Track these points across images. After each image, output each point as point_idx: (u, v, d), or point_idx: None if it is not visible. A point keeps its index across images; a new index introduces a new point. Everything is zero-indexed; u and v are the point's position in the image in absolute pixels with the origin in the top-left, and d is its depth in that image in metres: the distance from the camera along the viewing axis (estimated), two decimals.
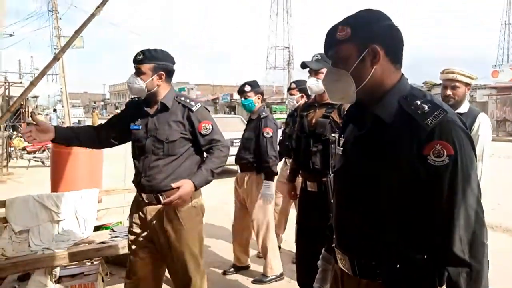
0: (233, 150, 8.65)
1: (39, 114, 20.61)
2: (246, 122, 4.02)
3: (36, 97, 22.78)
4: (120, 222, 3.67)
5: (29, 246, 3.03)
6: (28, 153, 12.05)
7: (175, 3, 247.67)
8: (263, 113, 3.60)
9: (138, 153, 2.36)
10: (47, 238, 3.12)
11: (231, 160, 3.17)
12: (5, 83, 13.23)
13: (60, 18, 21.07)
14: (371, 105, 1.23)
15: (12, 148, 11.76)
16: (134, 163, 2.40)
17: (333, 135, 2.50)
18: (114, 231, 3.41)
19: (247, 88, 3.61)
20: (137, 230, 2.40)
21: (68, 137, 2.36)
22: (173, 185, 2.15)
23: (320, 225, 2.58)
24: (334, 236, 1.37)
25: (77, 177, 4.01)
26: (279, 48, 65.46)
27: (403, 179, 1.13)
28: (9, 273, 2.88)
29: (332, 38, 1.25)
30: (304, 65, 2.81)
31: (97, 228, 3.52)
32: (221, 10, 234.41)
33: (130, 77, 2.30)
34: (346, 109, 2.54)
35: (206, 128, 2.29)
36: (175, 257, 2.33)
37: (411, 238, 1.15)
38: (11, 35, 20.82)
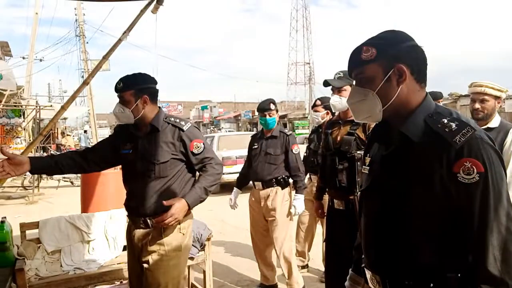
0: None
1: (67, 135, 21.28)
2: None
3: (65, 119, 23.58)
4: None
5: (61, 266, 3.10)
6: None
7: (197, 23, 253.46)
8: (286, 131, 3.71)
9: (129, 177, 2.33)
10: (78, 258, 3.19)
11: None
12: (36, 106, 13.73)
13: (87, 43, 21.95)
14: (397, 124, 1.24)
15: None
16: (125, 187, 2.36)
17: (358, 152, 2.51)
18: None
19: (272, 106, 3.66)
20: (130, 255, 2.39)
21: (46, 166, 2.27)
22: (165, 202, 2.08)
23: (348, 243, 2.57)
24: (363, 256, 1.37)
25: (106, 197, 4.10)
26: (299, 64, 65.83)
27: (434, 197, 1.13)
28: None
29: (356, 58, 1.27)
30: (326, 83, 2.82)
31: (125, 248, 3.57)
32: (242, 28, 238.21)
33: (115, 106, 2.28)
34: (371, 128, 2.57)
35: (198, 147, 2.24)
36: (154, 280, 2.21)
37: (444, 256, 1.14)
38: (41, 60, 21.68)
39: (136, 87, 2.23)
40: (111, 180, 4.21)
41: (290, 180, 3.67)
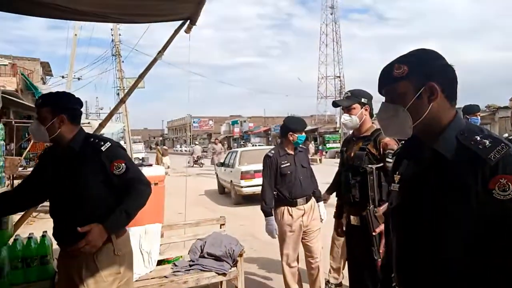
0: None
1: None
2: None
3: (101, 134, 24.34)
4: (181, 257, 3.76)
5: None
6: None
7: (227, 40, 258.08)
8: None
9: (53, 203, 2.23)
10: None
11: None
12: None
13: (123, 61, 22.73)
14: (428, 140, 1.26)
15: None
16: (51, 214, 2.24)
17: (369, 166, 2.56)
18: (176, 265, 3.49)
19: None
20: (62, 286, 2.25)
21: None
22: (80, 229, 1.91)
23: (367, 260, 2.53)
24: (393, 275, 1.37)
25: (142, 212, 4.17)
26: (330, 77, 65.60)
27: (469, 214, 1.13)
28: None
29: (388, 75, 1.30)
30: (335, 104, 2.93)
31: (160, 262, 3.63)
32: (272, 43, 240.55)
33: (33, 122, 2.21)
34: (383, 143, 2.55)
35: (119, 168, 2.07)
36: None
37: (479, 273, 1.14)
38: (79, 79, 22.69)
39: (54, 105, 2.13)
40: None
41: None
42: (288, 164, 3.65)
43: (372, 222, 2.49)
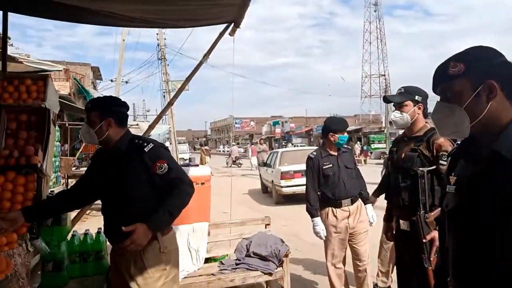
0: None
1: None
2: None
3: (149, 136, 25.21)
4: (227, 255, 3.81)
5: None
6: None
7: (269, 40, 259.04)
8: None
9: (102, 204, 2.32)
10: None
11: None
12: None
13: (168, 65, 23.40)
14: (487, 140, 1.21)
15: None
16: (102, 214, 2.34)
17: (421, 169, 2.41)
18: (222, 263, 3.55)
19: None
20: (114, 282, 2.36)
21: (42, 213, 2.36)
22: (124, 228, 1.97)
23: (416, 265, 2.43)
24: (448, 279, 1.33)
25: (189, 210, 4.26)
26: (374, 76, 64.10)
27: None
28: None
29: (443, 73, 1.26)
30: (386, 100, 2.76)
31: (206, 260, 3.70)
32: (313, 43, 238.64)
33: (82, 125, 2.31)
34: (437, 144, 2.44)
35: (161, 168, 2.13)
36: None
37: None
38: (127, 82, 23.68)
39: (102, 109, 2.23)
40: (194, 195, 4.40)
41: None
42: (330, 165, 3.59)
43: (423, 228, 2.36)
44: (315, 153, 3.69)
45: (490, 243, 1.15)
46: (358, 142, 35.27)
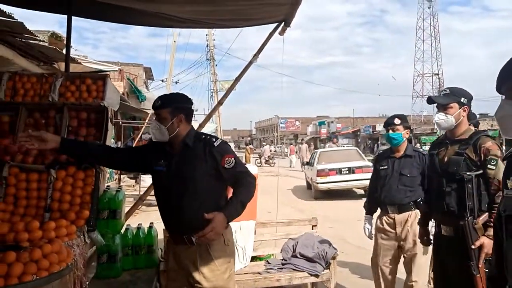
0: (352, 176, 10.65)
1: None
2: (362, 154, 3.74)
3: None
4: (273, 255, 3.82)
5: None
6: None
7: (316, 40, 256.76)
8: (421, 150, 3.54)
9: (164, 195, 2.35)
10: None
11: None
12: None
13: (216, 65, 23.81)
14: None
15: None
16: (159, 205, 2.37)
17: (468, 173, 2.32)
18: (268, 263, 3.55)
19: (397, 121, 3.44)
20: (173, 274, 2.34)
21: (76, 151, 2.45)
22: (206, 215, 2.03)
23: (458, 272, 2.30)
24: (507, 286, 1.31)
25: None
26: (427, 75, 61.64)
27: None
28: None
29: (511, 71, 1.23)
30: (431, 101, 2.61)
31: (252, 259, 3.72)
32: (362, 41, 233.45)
33: (152, 123, 2.35)
34: (484, 147, 2.33)
35: (229, 162, 2.22)
36: None
37: None
38: (176, 82, 24.36)
39: (173, 106, 2.28)
40: None
41: None
42: (386, 167, 3.44)
43: (471, 234, 2.26)
44: (382, 150, 3.61)
45: None
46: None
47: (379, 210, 3.50)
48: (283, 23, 3.65)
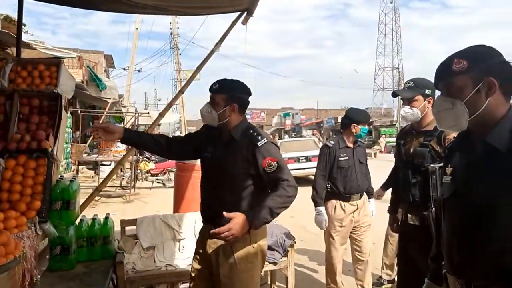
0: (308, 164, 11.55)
1: None
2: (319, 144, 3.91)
3: (159, 124, 25.43)
4: None
5: (154, 261, 3.34)
6: (152, 175, 13.43)
7: (281, 31, 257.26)
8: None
9: (204, 182, 2.32)
10: (169, 255, 3.40)
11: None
12: (135, 113, 14.96)
13: (180, 54, 23.41)
14: (481, 133, 1.32)
15: (139, 171, 13.16)
16: (201, 191, 2.35)
17: (432, 165, 2.38)
18: None
19: None
20: (199, 261, 2.34)
21: (136, 141, 2.43)
22: (225, 214, 1.97)
23: (422, 259, 2.42)
24: (443, 263, 1.46)
25: (197, 199, 4.31)
26: (387, 69, 63.38)
27: None
28: (138, 286, 3.19)
29: (447, 69, 1.36)
30: (395, 94, 2.71)
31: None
32: (326, 34, 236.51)
33: (204, 105, 2.28)
34: (448, 139, 2.41)
35: (271, 166, 2.10)
36: None
37: None
38: (139, 71, 23.79)
39: (230, 93, 2.22)
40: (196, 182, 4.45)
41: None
42: (346, 158, 3.56)
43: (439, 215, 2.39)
44: (332, 142, 3.65)
45: (484, 229, 1.26)
46: (383, 136, 35.24)
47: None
48: (245, 12, 3.64)
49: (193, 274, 2.35)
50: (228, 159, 2.18)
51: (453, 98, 1.33)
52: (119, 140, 2.37)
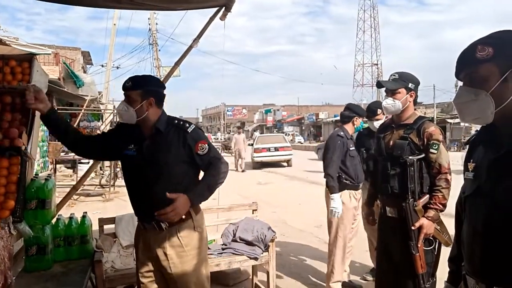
0: (276, 153, 17.58)
1: None
2: (286, 138, 4.02)
3: None
4: (214, 240, 3.83)
5: (134, 260, 3.29)
6: None
7: (261, 28, 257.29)
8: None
9: (134, 180, 2.29)
10: None
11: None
12: (114, 111, 14.71)
13: (159, 50, 23.13)
14: (508, 127, 1.21)
15: (118, 169, 12.96)
16: (129, 191, 2.32)
17: (411, 157, 2.45)
18: (209, 248, 3.55)
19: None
20: (144, 261, 2.31)
21: (56, 124, 2.29)
22: (168, 194, 2.01)
23: (400, 251, 2.47)
24: (463, 264, 1.37)
25: None
26: (367, 65, 64.15)
27: None
28: (117, 284, 3.15)
29: (469, 57, 1.23)
30: (380, 85, 2.73)
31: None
32: (306, 31, 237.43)
33: (120, 104, 2.28)
34: (427, 132, 2.46)
35: (203, 148, 2.20)
36: (180, 283, 2.22)
37: None
38: (117, 68, 23.35)
39: (144, 88, 2.21)
40: None
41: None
42: (353, 148, 3.73)
43: (412, 216, 2.42)
44: (342, 133, 3.73)
45: (508, 228, 1.16)
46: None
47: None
48: (223, 7, 3.61)
49: (142, 280, 2.31)
50: (160, 150, 2.20)
51: (477, 89, 1.21)
52: (41, 114, 2.24)
